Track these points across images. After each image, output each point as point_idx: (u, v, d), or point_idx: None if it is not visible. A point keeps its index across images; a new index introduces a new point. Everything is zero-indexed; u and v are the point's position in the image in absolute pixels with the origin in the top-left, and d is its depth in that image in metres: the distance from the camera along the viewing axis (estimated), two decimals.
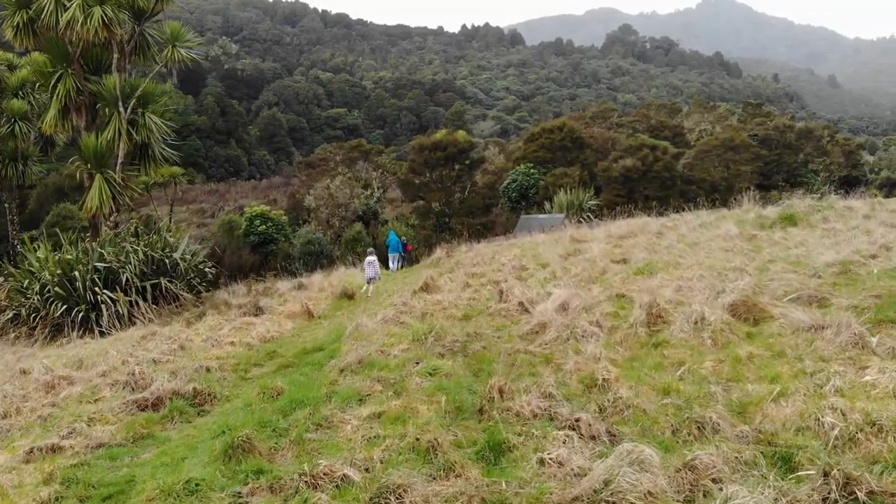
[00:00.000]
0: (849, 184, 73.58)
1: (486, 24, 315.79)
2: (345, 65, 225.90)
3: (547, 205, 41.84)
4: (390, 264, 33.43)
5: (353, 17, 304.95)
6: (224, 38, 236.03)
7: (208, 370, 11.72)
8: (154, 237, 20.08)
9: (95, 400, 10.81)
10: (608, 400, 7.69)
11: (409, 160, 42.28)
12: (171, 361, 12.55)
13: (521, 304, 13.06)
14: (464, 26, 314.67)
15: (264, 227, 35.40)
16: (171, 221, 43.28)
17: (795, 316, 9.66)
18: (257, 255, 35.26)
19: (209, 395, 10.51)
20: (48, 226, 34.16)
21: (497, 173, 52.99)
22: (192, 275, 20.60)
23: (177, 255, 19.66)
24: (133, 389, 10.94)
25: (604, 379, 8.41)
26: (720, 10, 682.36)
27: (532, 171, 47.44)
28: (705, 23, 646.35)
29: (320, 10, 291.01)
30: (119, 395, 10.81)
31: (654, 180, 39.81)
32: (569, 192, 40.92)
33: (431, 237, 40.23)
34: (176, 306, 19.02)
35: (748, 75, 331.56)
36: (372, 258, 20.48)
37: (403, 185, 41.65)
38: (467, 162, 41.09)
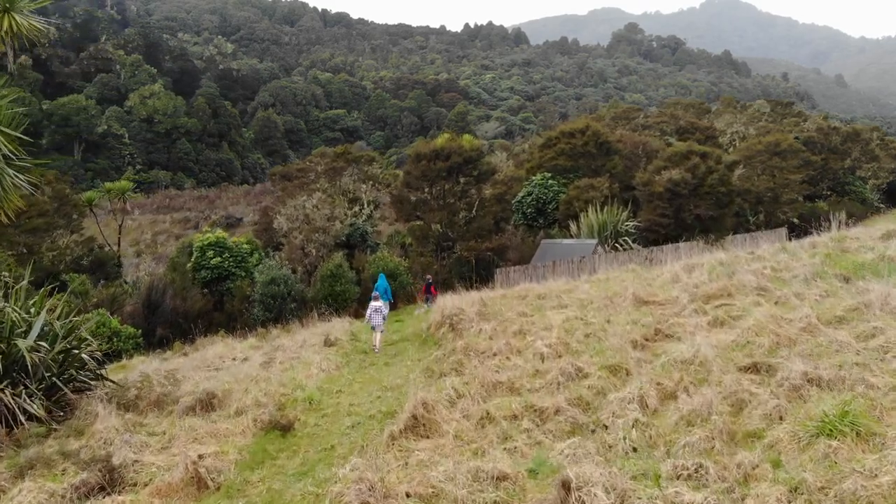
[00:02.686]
0: (892, 192, 66.30)
1: (490, 23, 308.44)
2: (345, 65, 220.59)
3: (572, 226, 34.41)
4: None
5: (354, 16, 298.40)
6: (220, 37, 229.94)
7: None
8: None
9: None
10: None
11: (403, 171, 34.81)
12: None
13: None
14: (466, 25, 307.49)
15: (219, 259, 27.90)
16: (118, 248, 35.93)
17: None
18: (210, 296, 27.90)
19: None
20: None
21: (507, 183, 45.63)
22: (60, 368, 13.22)
23: (24, 344, 12.26)
24: None
25: None
26: (723, 9, 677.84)
27: (550, 181, 40.02)
28: (709, 22, 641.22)
29: (320, 10, 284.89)
30: None
31: (706, 196, 32.38)
32: (598, 209, 33.50)
33: (431, 265, 32.82)
34: (15, 430, 11.68)
35: (757, 74, 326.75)
36: (377, 304, 18.51)
37: (397, 203, 34.21)
38: (475, 173, 33.70)
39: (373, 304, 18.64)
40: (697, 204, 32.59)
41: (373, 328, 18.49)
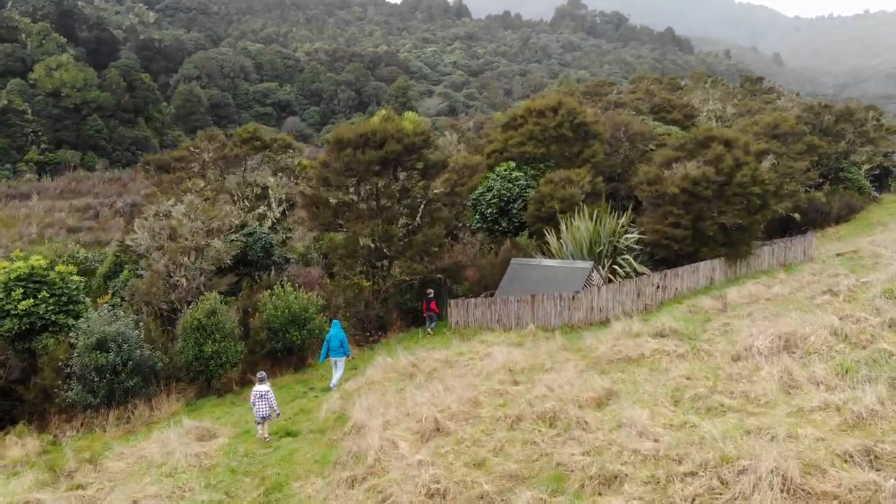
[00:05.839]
0: (878, 178, 59.67)
1: None
2: (277, 36, 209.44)
3: (551, 238, 25.54)
4: (334, 372, 17.97)
5: None
6: (141, 5, 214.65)
7: None
8: None
9: None
10: None
11: (320, 163, 25.17)
12: None
13: None
14: None
15: (31, 301, 18.09)
16: None
17: None
18: (20, 359, 17.99)
19: None
20: None
21: (458, 171, 36.59)
22: None
23: None
24: None
25: None
26: None
27: (516, 173, 31.14)
28: (648, 0, 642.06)
29: None
30: None
31: (735, 199, 23.88)
32: (587, 215, 24.74)
33: (359, 296, 23.59)
34: None
35: (700, 52, 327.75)
36: (264, 388, 14.01)
37: (311, 206, 24.52)
38: (419, 166, 24.45)
39: (257, 388, 14.10)
40: (723, 209, 24.09)
41: (257, 422, 14.10)
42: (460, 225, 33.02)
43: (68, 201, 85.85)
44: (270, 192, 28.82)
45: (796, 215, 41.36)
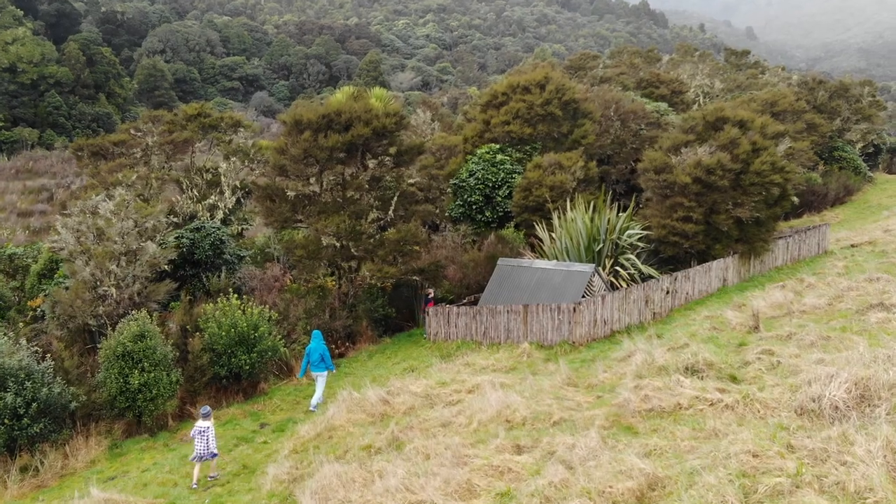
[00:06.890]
0: (871, 157, 57.61)
1: None
2: (244, 7, 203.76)
3: (542, 233, 22.54)
4: (317, 389, 16.55)
5: None
6: None
7: None
8: None
9: None
10: None
11: (276, 150, 21.74)
12: None
13: None
14: None
15: None
16: None
17: None
18: None
19: None
20: None
21: (434, 153, 33.49)
22: None
23: None
24: None
25: None
26: None
27: (500, 157, 28.01)
28: None
29: None
30: None
31: (752, 189, 21.04)
32: (581, 205, 21.76)
33: (323, 303, 20.45)
34: None
35: (675, 25, 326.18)
36: (205, 424, 12.54)
37: (265, 199, 21.21)
38: (392, 151, 21.19)
39: (198, 424, 12.62)
40: (739, 201, 21.25)
41: (195, 457, 12.41)
42: (437, 211, 29.96)
43: (23, 182, 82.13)
44: (223, 178, 25.45)
45: (794, 198, 39.02)
